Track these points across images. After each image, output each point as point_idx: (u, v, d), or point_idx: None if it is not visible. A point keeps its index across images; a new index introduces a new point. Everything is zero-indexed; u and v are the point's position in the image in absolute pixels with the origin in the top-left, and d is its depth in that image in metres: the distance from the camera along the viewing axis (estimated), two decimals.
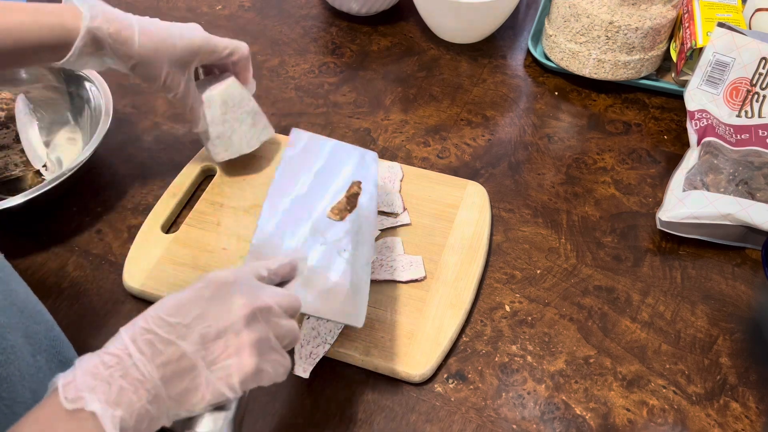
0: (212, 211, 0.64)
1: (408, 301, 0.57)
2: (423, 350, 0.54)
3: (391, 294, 0.57)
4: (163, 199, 0.65)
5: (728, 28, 0.67)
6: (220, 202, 0.65)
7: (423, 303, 0.57)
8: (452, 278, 0.58)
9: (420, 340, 0.54)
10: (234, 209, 0.64)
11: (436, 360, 0.54)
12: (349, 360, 0.54)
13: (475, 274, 0.59)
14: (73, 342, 0.56)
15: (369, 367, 0.54)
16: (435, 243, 0.61)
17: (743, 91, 0.67)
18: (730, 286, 0.60)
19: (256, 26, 0.89)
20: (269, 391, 0.53)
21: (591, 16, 0.73)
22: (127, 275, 0.59)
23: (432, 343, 0.54)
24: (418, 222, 0.63)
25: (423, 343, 0.54)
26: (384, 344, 0.54)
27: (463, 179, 0.67)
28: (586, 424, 0.51)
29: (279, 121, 0.76)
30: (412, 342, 0.54)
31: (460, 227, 0.62)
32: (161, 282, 0.58)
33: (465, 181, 0.66)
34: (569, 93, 0.79)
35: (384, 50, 0.85)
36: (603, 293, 0.60)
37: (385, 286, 0.58)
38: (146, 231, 0.62)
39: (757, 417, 0.52)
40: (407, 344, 0.54)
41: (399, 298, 0.57)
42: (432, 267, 0.59)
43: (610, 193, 0.68)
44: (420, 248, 0.61)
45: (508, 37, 0.87)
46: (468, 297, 0.57)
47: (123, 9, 0.57)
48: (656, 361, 0.55)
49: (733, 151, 0.64)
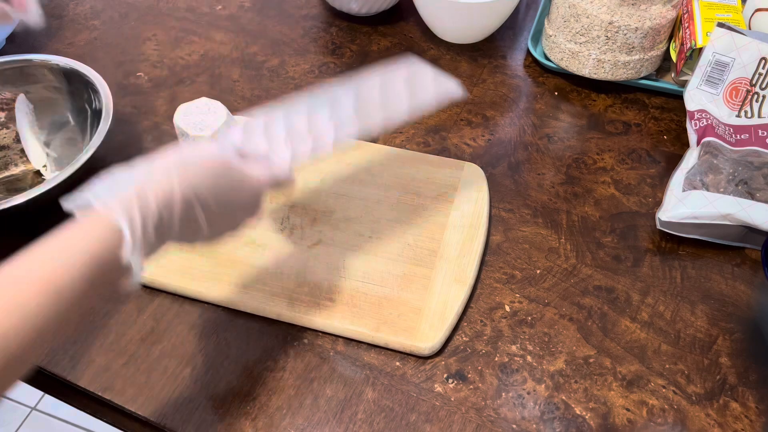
0: None
1: (413, 278, 0.59)
2: (431, 324, 0.55)
3: (397, 272, 0.59)
4: None
5: (728, 29, 0.67)
6: None
7: (428, 280, 0.59)
8: (455, 255, 0.60)
9: (427, 314, 0.56)
10: None
11: (444, 333, 0.55)
12: (359, 337, 0.56)
13: (477, 251, 0.61)
14: (73, 342, 0.56)
15: (380, 343, 0.55)
16: (437, 222, 0.63)
17: (743, 91, 0.67)
18: (729, 286, 0.60)
19: (256, 26, 0.89)
20: (268, 390, 0.53)
21: (591, 17, 0.73)
22: None
23: (439, 317, 0.56)
24: (419, 203, 0.65)
25: (431, 317, 0.56)
26: (393, 320, 0.56)
27: (460, 161, 0.68)
28: (586, 424, 0.52)
29: None
30: (419, 317, 0.56)
31: (460, 206, 0.64)
32: (170, 270, 0.59)
33: (462, 162, 0.68)
34: (569, 93, 0.79)
35: (384, 50, 0.85)
36: (603, 293, 0.60)
37: (390, 265, 0.60)
38: None
39: (757, 417, 0.52)
40: (415, 319, 0.56)
41: (404, 276, 0.59)
42: (435, 246, 0.61)
43: (609, 193, 0.68)
44: (422, 228, 0.63)
45: (508, 37, 0.87)
46: (472, 272, 0.59)
47: (123, 9, 0.57)
48: (656, 361, 0.55)
49: (733, 151, 0.64)
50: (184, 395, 0.53)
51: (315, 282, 0.59)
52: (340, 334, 0.56)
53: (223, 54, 0.85)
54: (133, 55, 0.85)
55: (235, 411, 0.52)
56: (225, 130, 0.61)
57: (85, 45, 0.86)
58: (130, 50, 0.85)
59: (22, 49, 0.85)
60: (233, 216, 0.47)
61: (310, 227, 0.63)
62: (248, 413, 0.52)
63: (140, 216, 0.40)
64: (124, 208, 0.40)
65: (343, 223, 0.63)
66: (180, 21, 0.90)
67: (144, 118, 0.76)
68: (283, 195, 0.65)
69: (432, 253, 0.61)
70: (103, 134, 0.64)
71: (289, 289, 0.58)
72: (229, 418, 0.52)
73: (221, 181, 0.45)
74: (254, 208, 0.49)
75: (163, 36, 0.88)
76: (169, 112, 0.77)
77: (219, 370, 0.55)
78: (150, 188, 0.41)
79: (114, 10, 0.91)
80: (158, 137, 0.74)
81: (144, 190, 0.41)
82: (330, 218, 0.64)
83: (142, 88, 0.80)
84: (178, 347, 0.56)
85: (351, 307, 0.57)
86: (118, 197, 0.40)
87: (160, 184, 0.41)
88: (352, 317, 0.56)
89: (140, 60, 0.84)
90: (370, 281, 0.59)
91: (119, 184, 0.42)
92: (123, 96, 0.79)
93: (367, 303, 0.57)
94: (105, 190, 0.41)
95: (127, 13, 0.91)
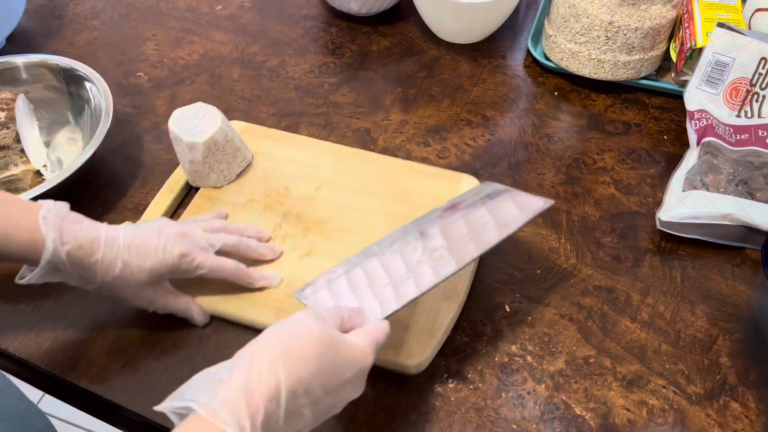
0: (209, 206, 0.65)
1: None
2: (419, 341, 0.54)
3: None
4: (160, 193, 0.66)
5: (728, 29, 0.67)
6: (216, 197, 0.65)
7: None
8: None
9: (416, 331, 0.55)
10: (232, 204, 0.65)
11: (432, 350, 0.54)
12: None
13: (470, 266, 0.59)
14: (73, 344, 0.56)
15: None
16: None
17: (743, 91, 0.67)
18: (729, 286, 0.60)
19: (256, 26, 0.89)
20: None
21: (591, 17, 0.73)
22: None
23: (427, 334, 0.54)
24: (415, 214, 0.62)
25: (419, 334, 0.54)
26: None
27: (458, 173, 0.67)
28: (586, 424, 0.52)
29: (279, 121, 0.76)
30: (408, 333, 0.54)
31: None
32: None
33: (460, 175, 0.67)
34: (569, 93, 0.79)
35: (384, 50, 0.85)
36: (603, 293, 0.60)
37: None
38: None
39: (757, 417, 0.52)
40: (402, 335, 0.54)
41: None
42: None
43: (609, 193, 0.68)
44: None
45: (508, 37, 0.87)
46: (463, 288, 0.57)
47: (123, 9, 0.57)
48: (656, 361, 0.55)
49: (733, 151, 0.64)
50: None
51: None
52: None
53: (223, 54, 0.85)
54: (133, 55, 0.85)
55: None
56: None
57: (85, 45, 0.86)
58: (130, 50, 0.85)
59: (23, 49, 0.85)
60: (339, 397, 0.42)
61: (302, 237, 0.62)
62: None
63: (249, 419, 0.35)
64: (230, 412, 0.35)
65: (336, 234, 0.62)
66: (180, 21, 0.90)
67: (144, 118, 0.76)
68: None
69: None
70: (103, 134, 0.64)
71: (278, 299, 0.57)
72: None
73: (326, 363, 0.40)
74: (360, 384, 0.43)
75: (163, 36, 0.88)
76: (169, 112, 0.77)
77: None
78: (255, 385, 0.37)
79: (114, 10, 0.91)
80: (158, 137, 0.74)
81: (249, 389, 0.36)
82: (323, 228, 0.62)
83: (142, 88, 0.80)
84: (178, 347, 0.56)
85: None
86: (222, 399, 0.36)
87: (266, 379, 0.37)
88: None
89: (140, 60, 0.84)
90: None
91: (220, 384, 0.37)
92: (123, 96, 0.79)
93: None
94: (204, 391, 0.37)
95: (127, 13, 0.91)
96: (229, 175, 0.66)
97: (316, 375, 0.39)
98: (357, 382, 0.43)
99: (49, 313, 0.58)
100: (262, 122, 0.75)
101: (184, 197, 0.67)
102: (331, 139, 0.73)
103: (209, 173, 0.65)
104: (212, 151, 0.63)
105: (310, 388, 0.39)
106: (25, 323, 0.58)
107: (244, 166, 0.67)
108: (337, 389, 0.41)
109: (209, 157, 0.63)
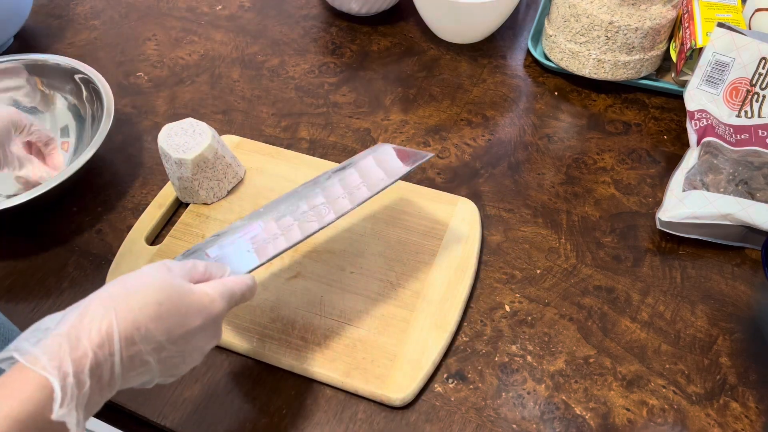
0: (198, 223, 0.64)
1: (392, 321, 0.56)
2: (405, 373, 0.52)
3: (375, 313, 0.56)
4: (148, 209, 0.64)
5: (728, 28, 0.67)
6: (206, 214, 0.64)
7: (407, 323, 0.55)
8: (438, 298, 0.57)
9: (402, 362, 0.53)
10: (220, 222, 0.64)
11: (418, 383, 0.52)
12: (329, 381, 0.53)
13: (462, 295, 0.57)
14: None
15: (349, 390, 0.52)
16: (422, 261, 0.60)
17: (743, 91, 0.67)
18: (729, 286, 0.60)
19: (256, 26, 0.89)
20: (268, 388, 0.53)
21: (591, 16, 0.73)
22: None
23: (414, 365, 0.53)
24: (407, 239, 0.62)
25: (405, 365, 0.53)
26: (365, 366, 0.53)
27: (454, 195, 0.65)
28: (586, 423, 0.52)
29: (279, 121, 0.76)
30: (394, 364, 0.53)
31: (449, 245, 0.61)
32: None
33: (456, 198, 0.65)
34: (569, 93, 0.79)
35: (384, 50, 0.85)
36: (603, 293, 0.60)
37: (369, 304, 0.57)
38: (130, 242, 0.62)
39: (757, 417, 0.52)
40: (389, 366, 0.53)
41: (383, 317, 0.56)
42: (418, 286, 0.58)
43: (609, 193, 0.68)
44: (407, 266, 0.59)
45: (508, 37, 0.87)
46: (454, 318, 0.56)
47: (123, 9, 0.57)
48: (656, 361, 0.55)
49: (733, 151, 0.64)
50: (184, 395, 0.53)
51: (289, 318, 0.56)
52: (309, 377, 0.53)
53: (223, 54, 0.85)
54: (133, 55, 0.85)
55: (236, 411, 0.52)
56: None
57: (85, 45, 0.86)
58: (130, 50, 0.85)
59: (23, 48, 0.85)
60: (189, 345, 0.41)
61: (290, 258, 0.60)
62: (248, 413, 0.52)
63: (72, 364, 0.35)
64: (50, 357, 0.34)
65: (325, 256, 0.60)
66: (180, 21, 0.90)
67: (144, 118, 0.76)
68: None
69: (415, 294, 0.57)
70: (103, 134, 0.64)
71: (262, 324, 0.56)
72: (229, 418, 0.52)
73: (166, 310, 0.39)
74: (214, 333, 0.43)
75: (163, 36, 0.88)
76: (169, 112, 0.77)
77: (219, 370, 0.55)
78: (83, 330, 0.36)
79: (114, 10, 0.91)
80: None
81: (76, 333, 0.36)
82: (312, 250, 0.61)
83: (142, 88, 0.80)
84: None
85: (323, 349, 0.54)
86: (44, 346, 0.35)
87: (96, 325, 0.36)
88: (323, 360, 0.53)
89: (140, 60, 0.84)
90: (346, 320, 0.56)
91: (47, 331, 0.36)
92: (123, 96, 0.79)
93: (340, 345, 0.54)
94: (29, 340, 0.36)
95: (127, 13, 0.91)
96: (220, 191, 0.65)
97: (154, 321, 0.38)
98: (208, 330, 0.42)
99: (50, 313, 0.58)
100: (262, 122, 0.75)
101: (172, 214, 0.66)
102: (331, 139, 0.73)
103: (198, 190, 0.64)
104: (201, 168, 0.62)
105: (149, 335, 0.38)
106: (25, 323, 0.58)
107: (235, 182, 0.66)
108: (184, 336, 0.40)
109: (198, 174, 0.63)
